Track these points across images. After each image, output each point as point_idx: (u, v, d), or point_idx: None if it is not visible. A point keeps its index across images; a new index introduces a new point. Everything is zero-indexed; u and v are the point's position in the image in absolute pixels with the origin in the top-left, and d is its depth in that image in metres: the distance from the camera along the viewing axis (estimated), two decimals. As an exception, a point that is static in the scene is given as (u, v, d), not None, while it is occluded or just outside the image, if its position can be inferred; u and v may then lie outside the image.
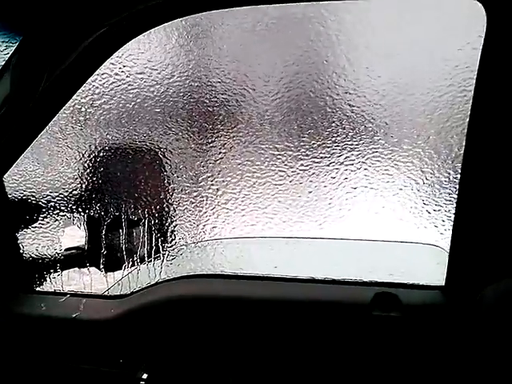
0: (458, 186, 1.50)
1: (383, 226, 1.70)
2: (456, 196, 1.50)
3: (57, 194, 1.81)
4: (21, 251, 1.87)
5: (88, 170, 1.78)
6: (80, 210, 1.83)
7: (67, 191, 1.81)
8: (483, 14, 1.28)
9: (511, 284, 1.29)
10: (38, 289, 1.90)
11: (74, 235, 1.86)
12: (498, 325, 1.23)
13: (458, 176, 1.49)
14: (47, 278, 1.90)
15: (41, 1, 1.26)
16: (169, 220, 1.81)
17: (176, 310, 1.70)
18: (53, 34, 1.36)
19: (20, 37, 1.40)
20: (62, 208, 1.83)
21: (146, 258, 1.84)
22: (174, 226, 1.82)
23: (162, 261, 1.85)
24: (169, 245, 1.84)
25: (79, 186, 1.80)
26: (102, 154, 1.77)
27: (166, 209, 1.80)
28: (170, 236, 1.83)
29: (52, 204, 1.82)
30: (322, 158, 1.66)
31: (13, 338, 1.80)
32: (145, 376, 1.71)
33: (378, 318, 1.56)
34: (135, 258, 1.84)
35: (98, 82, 1.68)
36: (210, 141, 1.72)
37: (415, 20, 1.48)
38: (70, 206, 1.82)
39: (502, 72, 1.31)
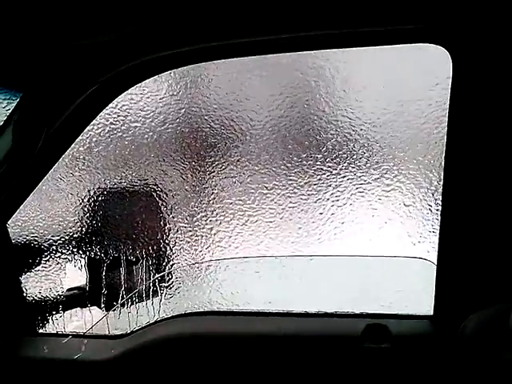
0: (439, 218, 1.56)
1: (369, 258, 1.75)
2: (438, 227, 1.56)
3: (58, 238, 1.87)
4: (24, 294, 1.91)
5: (87, 214, 1.84)
6: (80, 252, 1.88)
7: (68, 234, 1.87)
8: (448, 57, 1.38)
9: (493, 312, 1.33)
10: (40, 331, 1.93)
11: (75, 276, 1.91)
12: (477, 353, 1.27)
13: (439, 208, 1.55)
14: (49, 320, 1.93)
15: (39, 61, 1.36)
16: (166, 259, 1.86)
17: (175, 348, 1.73)
18: (50, 91, 1.44)
19: (20, 94, 1.48)
20: (63, 251, 1.88)
21: (145, 297, 1.88)
22: (171, 265, 1.87)
23: (160, 300, 1.89)
24: (166, 284, 1.88)
25: (79, 229, 1.86)
26: (100, 199, 1.83)
27: (163, 249, 1.85)
28: (168, 275, 1.88)
29: (54, 248, 1.88)
30: (309, 195, 1.72)
31: (17, 382, 1.82)
32: (147, 415, 1.73)
33: (369, 349, 1.59)
34: (134, 297, 1.88)
35: (94, 131, 1.76)
36: (202, 182, 1.79)
37: (388, 65, 1.57)
38: (71, 248, 1.87)
39: (470, 108, 1.39)
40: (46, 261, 1.89)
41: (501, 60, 1.34)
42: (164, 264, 1.86)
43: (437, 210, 1.61)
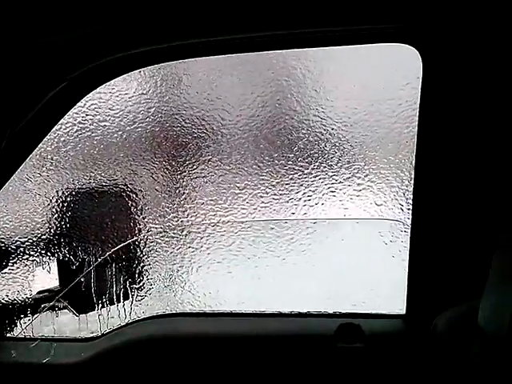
0: (410, 217, 1.57)
1: (342, 258, 1.76)
2: (410, 226, 1.58)
3: (26, 240, 1.83)
4: (-10, 298, 1.88)
5: (56, 215, 1.81)
6: (49, 254, 1.84)
7: (36, 236, 1.83)
8: (419, 57, 1.39)
9: (462, 311, 1.35)
10: (8, 335, 1.90)
11: (44, 279, 1.88)
12: (447, 349, 1.29)
13: (410, 207, 1.57)
14: (18, 324, 1.90)
15: (4, 56, 1.32)
16: (136, 261, 1.84)
17: (146, 349, 1.72)
18: (16, 88, 1.41)
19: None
20: (32, 253, 1.84)
21: (116, 299, 1.86)
22: (142, 267, 1.85)
23: (131, 302, 1.87)
24: (137, 286, 1.86)
25: (48, 230, 1.82)
26: (69, 199, 1.80)
27: (134, 250, 1.83)
28: (139, 277, 1.86)
29: (21, 249, 1.84)
30: (281, 194, 1.72)
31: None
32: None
33: (343, 349, 1.60)
34: (104, 299, 1.86)
35: (62, 130, 1.72)
36: (173, 182, 1.77)
37: (359, 65, 1.58)
38: (40, 250, 1.84)
39: (440, 108, 1.41)
40: (13, 263, 1.85)
41: (470, 60, 1.36)
42: (135, 265, 1.84)
43: (408, 209, 1.62)
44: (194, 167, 1.74)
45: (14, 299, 1.89)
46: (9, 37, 1.28)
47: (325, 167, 1.67)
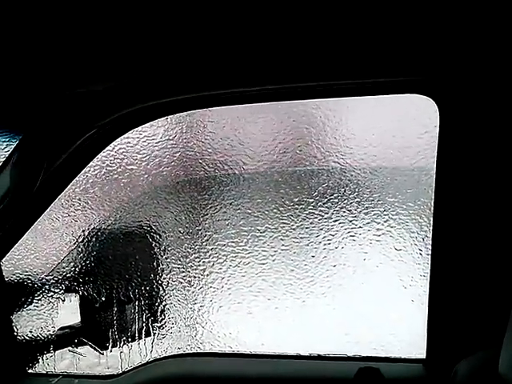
0: (430, 262, 1.58)
1: (361, 301, 1.76)
2: (429, 271, 1.58)
3: (51, 277, 1.87)
4: (15, 334, 1.91)
5: (81, 254, 1.86)
6: (73, 291, 1.88)
7: (61, 274, 1.88)
8: (436, 107, 1.43)
9: (483, 357, 1.34)
10: (30, 371, 1.92)
11: (67, 315, 1.91)
12: None
13: (429, 252, 1.58)
14: (40, 360, 1.93)
15: (40, 106, 1.40)
16: (158, 300, 1.87)
17: None
18: (49, 134, 1.48)
19: (20, 136, 1.52)
20: (56, 290, 1.88)
21: (137, 337, 1.88)
22: (164, 306, 1.87)
23: (153, 340, 1.89)
24: (159, 324, 1.88)
25: (73, 269, 1.87)
26: (94, 239, 1.85)
27: (156, 289, 1.86)
28: (160, 315, 1.88)
29: (47, 287, 1.88)
30: (301, 238, 1.75)
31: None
32: None
33: None
34: (126, 337, 1.88)
35: (91, 173, 1.78)
36: (196, 224, 1.81)
37: (377, 114, 1.62)
38: (64, 287, 1.88)
39: (457, 156, 1.44)
40: (38, 300, 1.89)
41: (486, 110, 1.39)
42: (157, 304, 1.87)
43: (427, 254, 1.63)
44: (216, 210, 1.78)
45: (37, 335, 1.92)
46: (42, 89, 1.36)
47: (344, 212, 1.69)
